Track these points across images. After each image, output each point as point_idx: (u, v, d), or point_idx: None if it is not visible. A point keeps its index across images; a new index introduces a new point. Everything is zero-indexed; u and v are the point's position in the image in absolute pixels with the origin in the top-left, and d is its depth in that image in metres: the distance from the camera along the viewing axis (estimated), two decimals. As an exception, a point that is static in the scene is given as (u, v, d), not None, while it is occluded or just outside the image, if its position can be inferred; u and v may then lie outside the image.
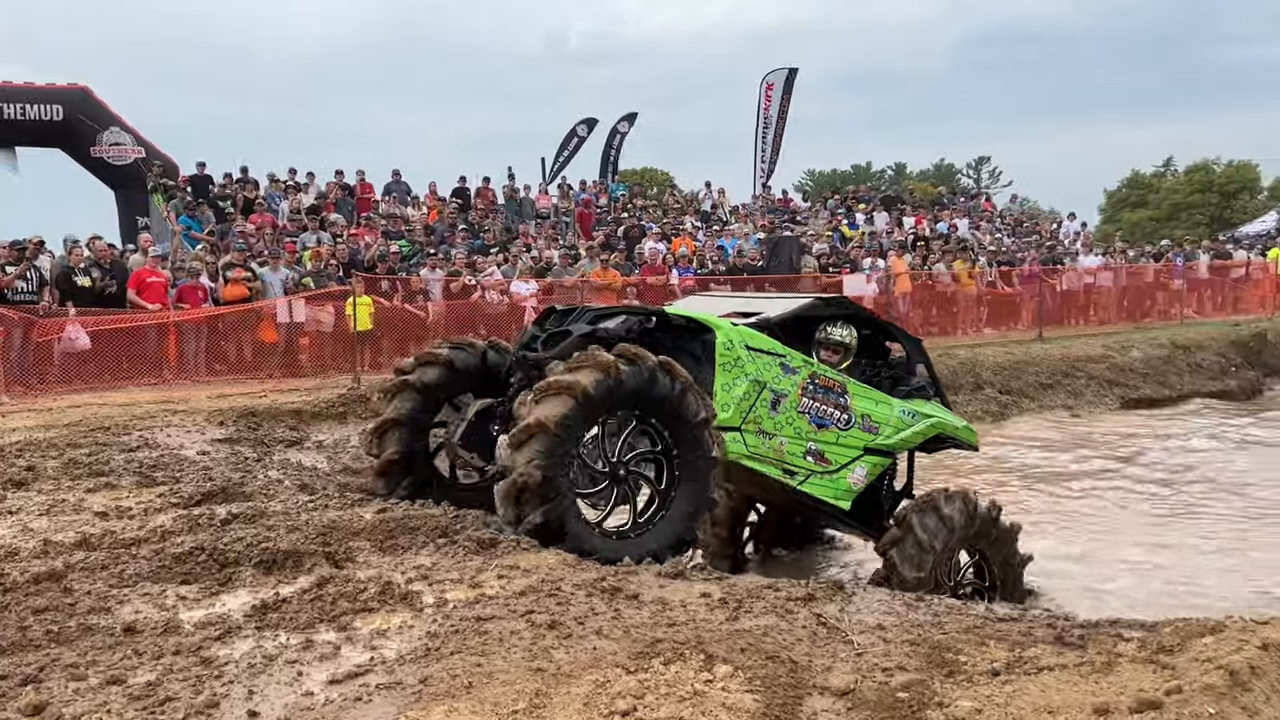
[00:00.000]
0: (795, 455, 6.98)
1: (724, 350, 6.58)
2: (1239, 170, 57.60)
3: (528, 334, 7.12)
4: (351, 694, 3.70)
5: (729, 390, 6.59)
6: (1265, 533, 9.47)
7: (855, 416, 7.21)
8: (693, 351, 6.65)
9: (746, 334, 6.76)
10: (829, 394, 7.08)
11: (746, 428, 6.70)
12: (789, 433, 6.91)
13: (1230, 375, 18.69)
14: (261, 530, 5.96)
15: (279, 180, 20.71)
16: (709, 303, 8.09)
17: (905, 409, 7.46)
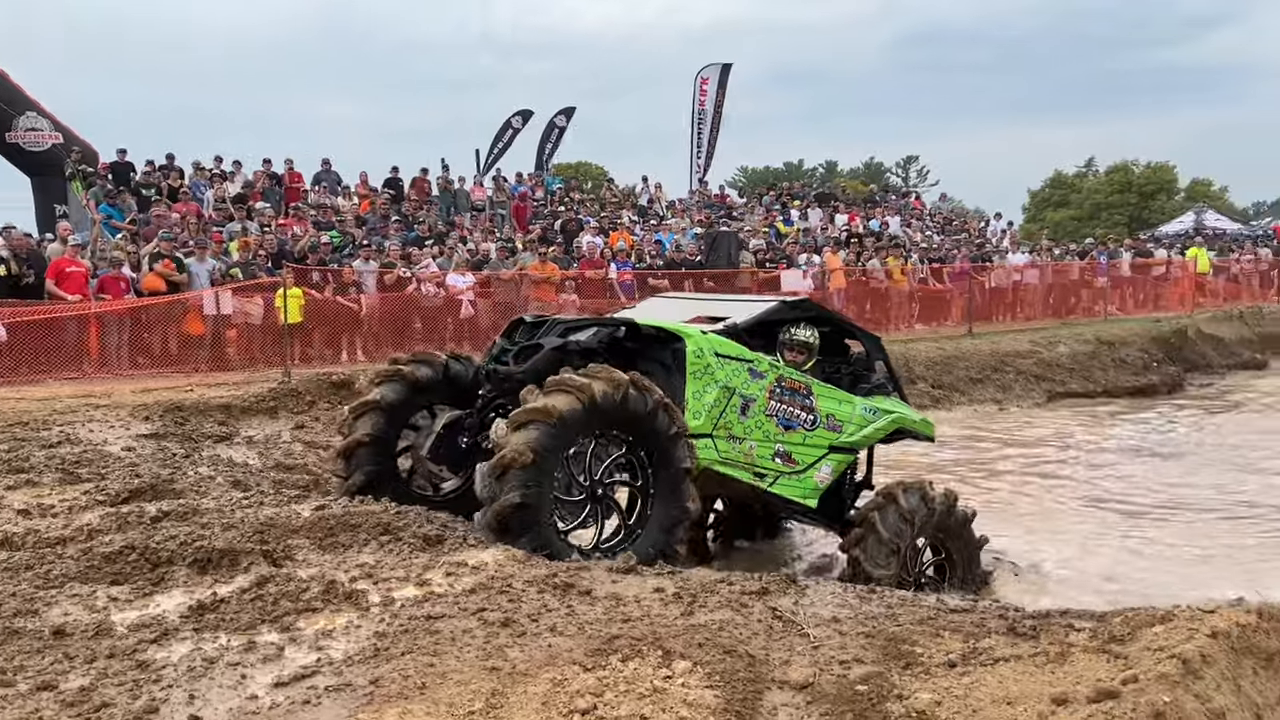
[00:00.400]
0: (764, 457, 7.07)
1: (694, 358, 6.65)
2: (1157, 171, 59.39)
3: (497, 346, 7.08)
4: (299, 697, 3.57)
5: (700, 398, 6.66)
6: (1189, 521, 9.73)
7: (820, 417, 7.33)
8: (663, 360, 6.71)
9: (715, 341, 6.82)
10: (795, 396, 7.18)
11: (717, 434, 6.78)
12: (758, 436, 7.02)
13: (1152, 371, 19.22)
14: (195, 528, 5.74)
15: (204, 168, 20.13)
16: (671, 306, 8.07)
17: (867, 406, 7.60)
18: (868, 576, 6.97)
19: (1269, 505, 10.22)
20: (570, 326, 6.87)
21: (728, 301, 7.91)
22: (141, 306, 13.39)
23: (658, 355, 6.75)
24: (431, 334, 15.84)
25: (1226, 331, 21.94)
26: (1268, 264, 27.99)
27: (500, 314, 16.42)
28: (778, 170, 70.95)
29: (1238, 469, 12.06)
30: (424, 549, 5.39)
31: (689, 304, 8.01)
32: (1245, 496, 10.66)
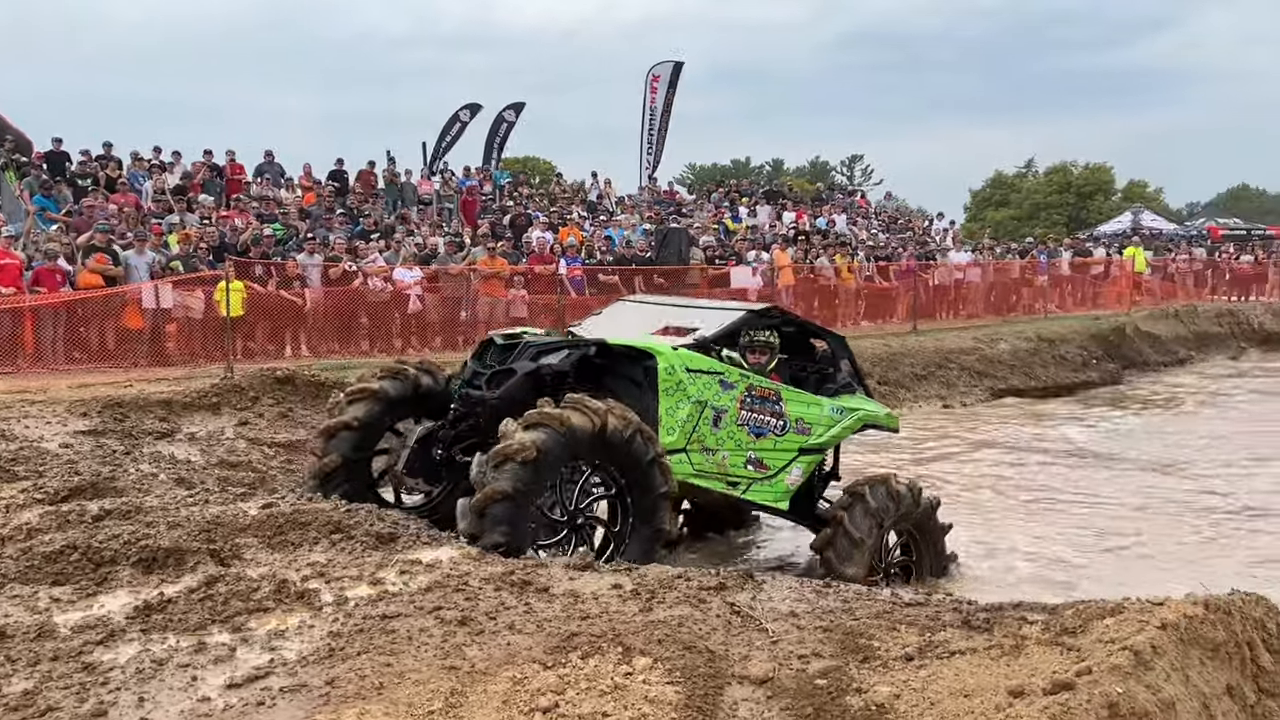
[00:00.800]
0: (737, 466, 7.20)
1: (666, 375, 6.73)
2: (1095, 172, 60.71)
3: (469, 370, 7.06)
4: (253, 698, 3.50)
5: (673, 414, 6.76)
6: (1130, 517, 9.96)
7: (790, 421, 7.43)
8: (635, 378, 6.80)
9: (686, 357, 6.89)
10: (765, 403, 7.29)
11: (691, 447, 6.90)
12: (730, 446, 7.12)
13: (1091, 367, 19.63)
14: (139, 527, 5.61)
15: (143, 159, 19.67)
16: (639, 313, 8.10)
17: (834, 406, 7.71)
18: (840, 575, 7.05)
19: (1205, 502, 10.50)
20: (541, 349, 6.86)
21: (695, 309, 7.93)
22: (78, 300, 13.04)
23: (629, 373, 6.83)
24: (378, 329, 15.65)
25: (1163, 329, 22.49)
26: (1202, 263, 28.76)
27: (448, 309, 16.30)
28: (725, 168, 71.25)
29: (1173, 466, 12.36)
30: (376, 547, 5.32)
31: (657, 311, 8.02)
32: (1181, 494, 10.92)
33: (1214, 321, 23.76)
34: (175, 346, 13.81)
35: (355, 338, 15.44)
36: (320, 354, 14.71)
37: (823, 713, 3.51)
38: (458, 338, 16.18)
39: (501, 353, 7.00)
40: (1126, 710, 3.38)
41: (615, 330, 7.50)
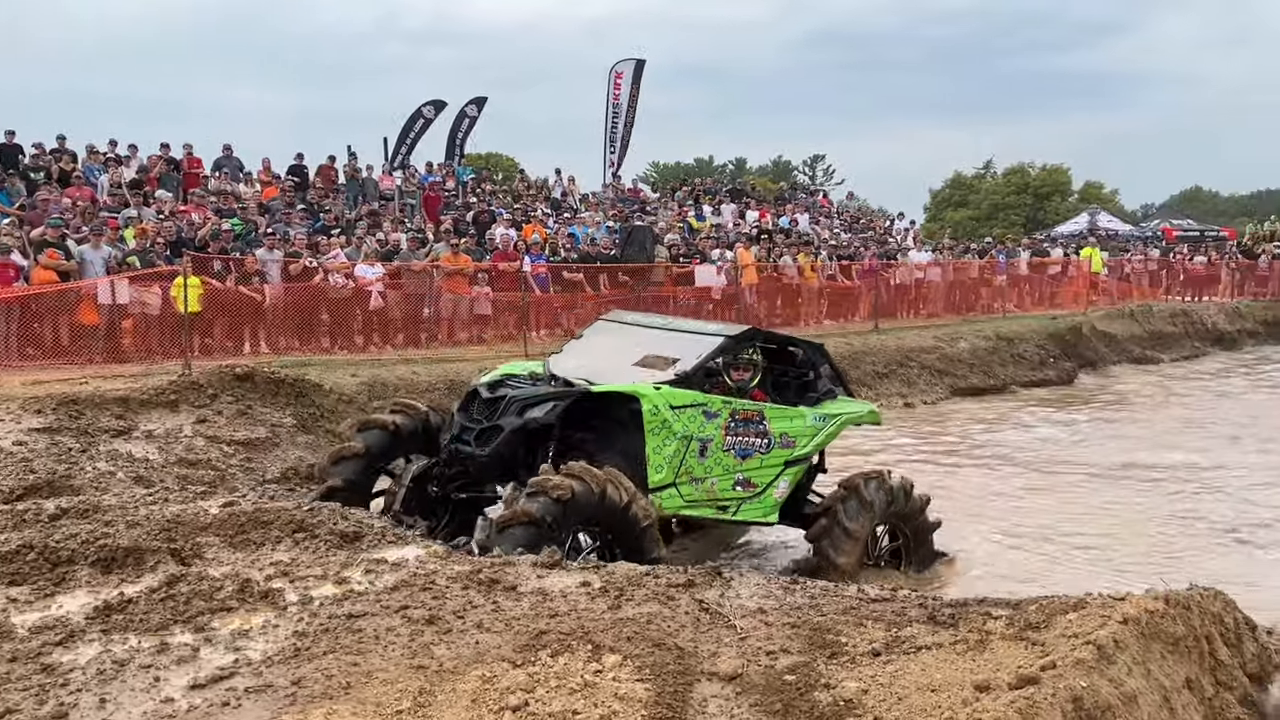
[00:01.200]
0: (725, 489, 7.36)
1: (651, 416, 6.86)
2: (1052, 173, 61.48)
3: (456, 424, 7.12)
4: (217, 699, 3.45)
5: (660, 452, 6.91)
6: (1096, 509, 10.11)
7: (774, 438, 7.55)
8: (621, 420, 6.94)
9: (669, 395, 6.99)
10: (749, 425, 7.41)
11: (680, 480, 7.05)
12: (718, 472, 7.28)
13: (1049, 366, 19.89)
14: (97, 526, 5.51)
15: (98, 152, 19.30)
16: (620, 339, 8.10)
17: (816, 415, 7.82)
18: (834, 565, 7.37)
19: (1163, 497, 10.70)
20: (526, 403, 6.90)
21: (674, 333, 7.94)
22: (32, 295, 12.78)
23: (616, 415, 6.96)
24: (339, 326, 15.50)
25: (1118, 328, 22.84)
26: (1157, 264, 29.24)
27: (411, 306, 16.17)
28: (689, 166, 71.32)
29: (1131, 463, 12.56)
30: (341, 546, 5.27)
31: (636, 336, 8.01)
32: (1139, 490, 11.11)
33: (1168, 321, 24.17)
34: (132, 343, 13.58)
35: (316, 335, 15.26)
36: (280, 351, 14.53)
37: (791, 708, 3.53)
38: (420, 335, 16.08)
39: (487, 406, 7.05)
40: (1090, 704, 3.44)
41: (595, 361, 7.57)
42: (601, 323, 8.80)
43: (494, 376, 7.50)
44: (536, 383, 7.25)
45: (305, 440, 11.40)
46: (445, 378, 13.34)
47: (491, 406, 6.99)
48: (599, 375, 7.23)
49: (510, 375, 7.55)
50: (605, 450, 6.88)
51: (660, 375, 7.23)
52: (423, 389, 13.00)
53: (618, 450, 6.90)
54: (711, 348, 7.49)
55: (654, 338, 7.91)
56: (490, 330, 16.79)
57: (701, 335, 7.76)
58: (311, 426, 11.61)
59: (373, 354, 15.07)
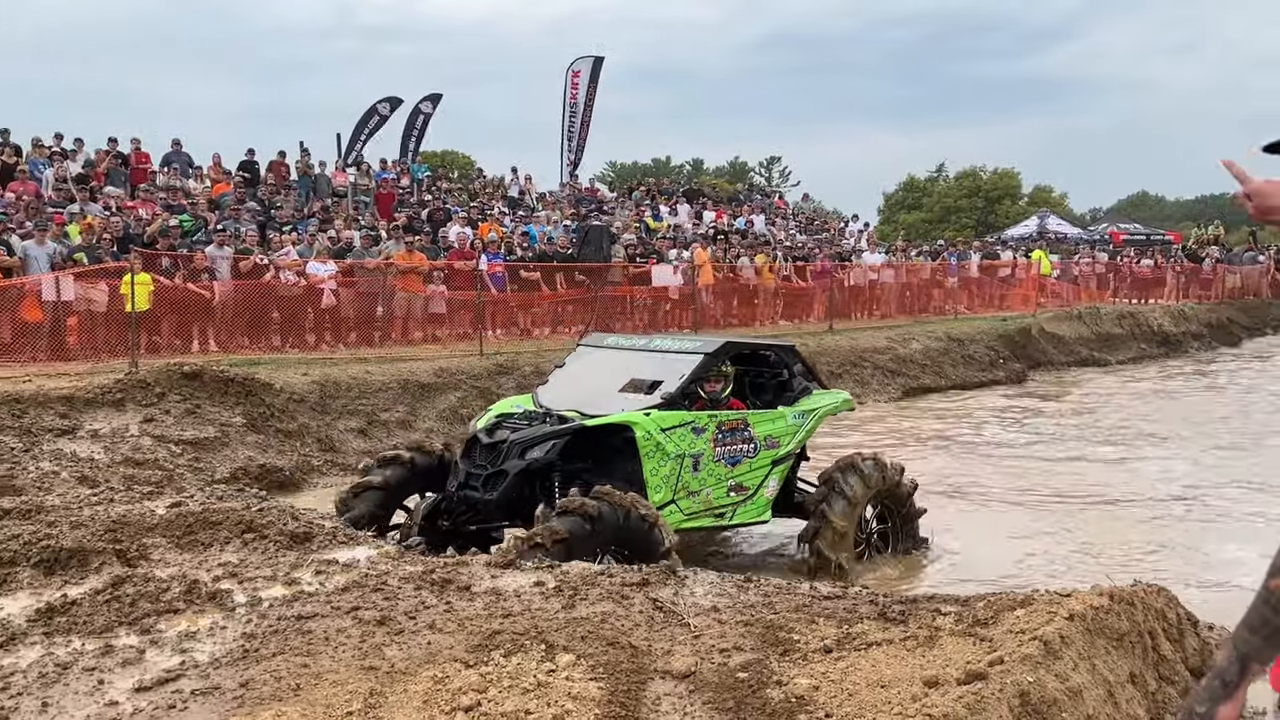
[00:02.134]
0: (720, 497, 7.77)
1: (644, 441, 7.26)
2: (1003, 177, 62.44)
3: (462, 471, 7.33)
4: (163, 701, 3.39)
5: (657, 473, 7.32)
6: (1052, 510, 10.28)
7: (759, 441, 7.95)
8: (617, 447, 7.31)
9: (659, 419, 7.38)
10: (735, 434, 7.81)
11: (679, 496, 7.47)
12: (712, 483, 7.67)
13: (999, 366, 20.18)
14: (40, 527, 5.40)
15: (43, 145, 18.90)
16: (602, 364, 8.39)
17: (795, 413, 8.22)
18: (828, 563, 7.81)
19: (1113, 492, 10.90)
20: (526, 445, 7.15)
21: (655, 354, 8.26)
22: (-28, 291, 12.49)
23: (611, 443, 7.34)
24: (290, 324, 15.31)
25: (1066, 330, 23.21)
26: (1104, 267, 29.79)
27: (364, 304, 16.01)
28: (646, 166, 71.46)
29: (1079, 459, 12.79)
30: (291, 547, 5.21)
31: (619, 360, 8.32)
32: (1088, 485, 11.31)
33: (1115, 323, 24.60)
34: (77, 341, 13.32)
35: (266, 333, 15.07)
36: (230, 349, 14.34)
37: (744, 705, 3.54)
38: (374, 334, 15.94)
39: (489, 451, 7.30)
40: (1037, 698, 3.49)
41: (582, 391, 7.88)
42: (582, 348, 9.05)
43: (489, 420, 7.76)
44: (532, 421, 7.53)
45: (255, 440, 11.26)
46: (398, 377, 13.24)
47: (493, 451, 7.28)
48: (588, 405, 7.54)
49: (504, 415, 7.78)
50: (605, 478, 7.14)
51: (647, 400, 7.63)
52: (375, 388, 12.89)
53: (617, 476, 7.19)
54: (693, 366, 7.81)
55: (635, 360, 8.27)
56: (445, 329, 16.70)
57: (681, 354, 8.08)
58: (261, 426, 11.47)
59: (325, 353, 14.91)
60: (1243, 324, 28.51)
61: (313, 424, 12.02)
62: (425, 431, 12.63)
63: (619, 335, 10.29)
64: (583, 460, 7.33)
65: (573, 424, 7.29)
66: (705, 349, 8.05)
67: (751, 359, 8.69)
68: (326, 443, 11.94)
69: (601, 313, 17.42)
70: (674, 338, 9.72)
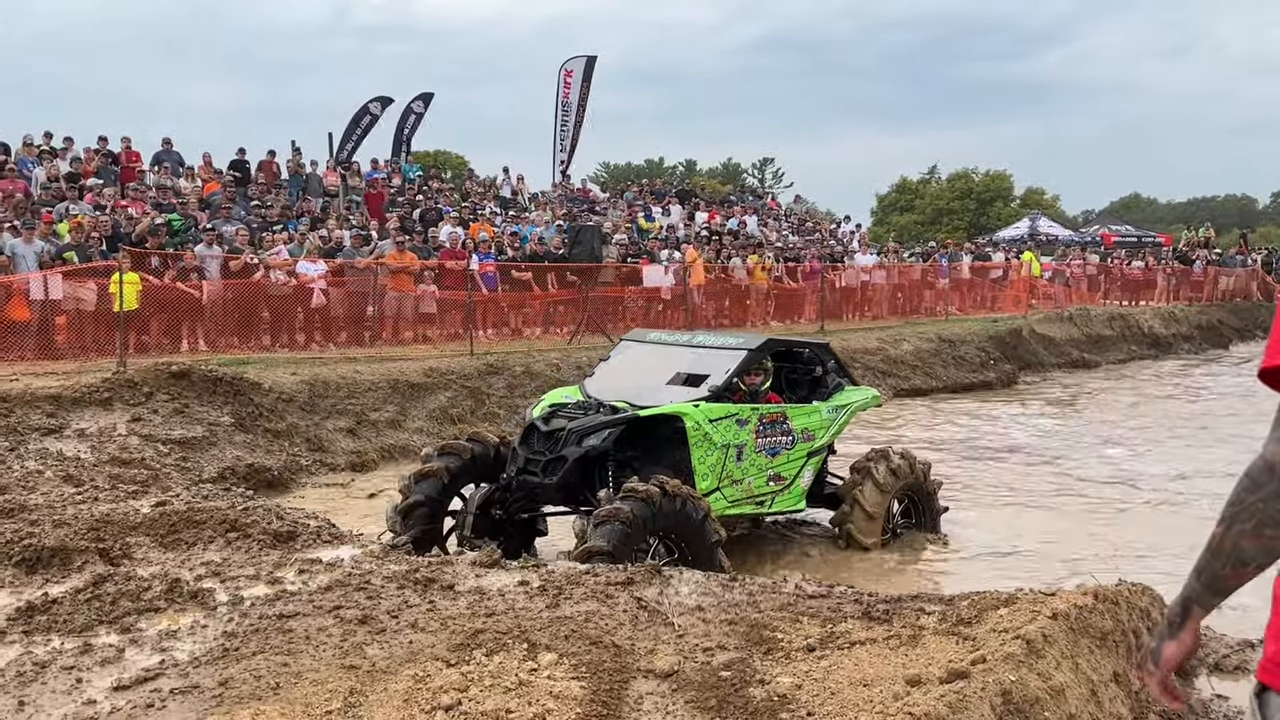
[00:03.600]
0: (761, 486, 8.15)
1: (693, 431, 7.61)
2: (994, 179, 62.54)
3: (521, 457, 7.60)
4: (141, 700, 3.37)
5: (704, 462, 7.67)
6: (1039, 502, 10.30)
7: (797, 434, 8.31)
8: (667, 436, 7.67)
9: (707, 410, 7.74)
10: (775, 426, 8.17)
11: (723, 484, 7.83)
12: (753, 472, 8.05)
13: (989, 367, 20.18)
14: (22, 525, 5.37)
15: (33, 144, 18.82)
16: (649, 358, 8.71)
17: (829, 408, 8.60)
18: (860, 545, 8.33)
19: (1099, 491, 10.91)
20: (583, 433, 7.43)
21: (700, 350, 8.60)
22: (-42, 290, 12.42)
23: (663, 433, 7.69)
24: (280, 323, 15.27)
25: (1057, 332, 23.24)
26: (1095, 269, 29.85)
27: (354, 304, 15.97)
28: (639, 167, 71.46)
29: (1070, 458, 12.81)
30: (275, 546, 5.19)
31: (665, 355, 8.68)
32: (1077, 484, 11.33)
33: (1106, 325, 24.64)
34: (65, 340, 13.27)
35: (256, 332, 15.04)
36: (219, 348, 14.30)
37: (726, 704, 3.53)
38: (364, 333, 15.90)
39: (546, 438, 7.58)
40: (1019, 697, 3.49)
41: (630, 383, 8.22)
42: (625, 343, 9.45)
43: (543, 408, 8.04)
44: (585, 410, 7.83)
45: (243, 439, 11.21)
46: (388, 376, 13.20)
47: (550, 439, 7.55)
48: (638, 397, 7.88)
49: (557, 405, 8.07)
50: (655, 465, 7.53)
51: (694, 392, 7.96)
52: (365, 388, 12.86)
53: (665, 464, 7.54)
54: (737, 362, 8.15)
55: (679, 355, 8.65)
56: (436, 329, 16.67)
57: (724, 350, 8.45)
58: (250, 425, 11.42)
59: (314, 352, 14.87)
60: (1233, 326, 28.59)
61: (301, 423, 11.97)
62: (414, 431, 12.62)
63: (662, 332, 10.75)
64: (634, 449, 7.70)
65: (627, 414, 7.64)
66: (748, 345, 8.45)
67: (789, 355, 9.10)
68: (315, 442, 11.89)
69: (593, 313, 17.40)
70: (716, 334, 10.12)
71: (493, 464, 7.94)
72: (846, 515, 8.44)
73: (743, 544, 8.90)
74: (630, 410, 7.65)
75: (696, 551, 6.84)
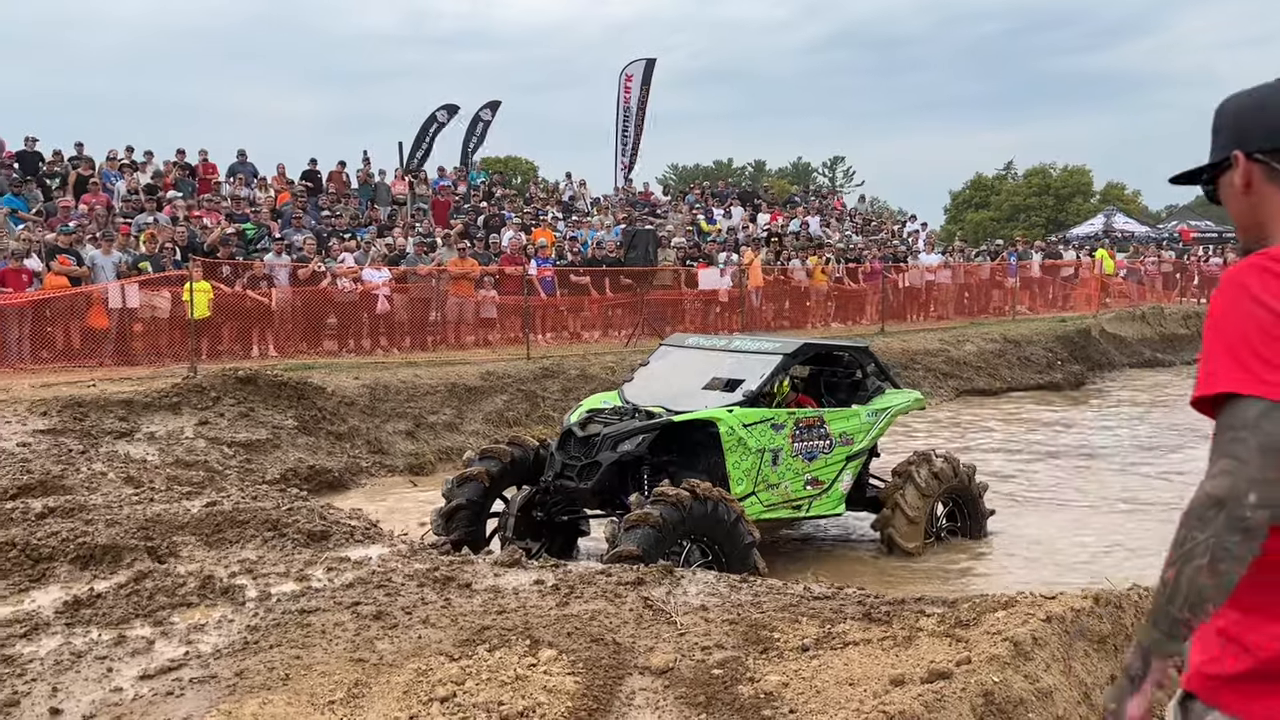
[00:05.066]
0: (797, 490, 8.18)
1: (728, 436, 7.67)
2: (1073, 174, 61.06)
3: (558, 462, 7.78)
4: (163, 688, 3.61)
5: (739, 466, 7.72)
6: (1104, 506, 10.16)
7: (835, 438, 8.37)
8: (702, 441, 7.75)
9: (741, 415, 7.79)
10: (812, 430, 8.22)
11: (758, 489, 7.87)
12: (790, 476, 8.09)
13: (1056, 369, 19.82)
14: (79, 525, 5.70)
15: (115, 158, 19.68)
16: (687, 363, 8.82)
17: (869, 411, 8.66)
18: (900, 548, 8.32)
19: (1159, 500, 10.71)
20: (618, 438, 7.55)
21: (736, 355, 8.64)
22: (44, 300, 13.08)
23: (697, 438, 7.78)
24: (346, 329, 15.75)
25: (1129, 331, 22.71)
26: (1171, 265, 29.05)
27: (417, 310, 16.39)
28: (707, 168, 71.42)
29: (1140, 462, 12.56)
30: (308, 545, 5.44)
31: (702, 359, 8.76)
32: (1148, 489, 11.12)
33: (1181, 323, 23.99)
34: (141, 346, 13.87)
35: (322, 338, 15.53)
36: (287, 354, 14.79)
37: (714, 700, 3.65)
38: (426, 338, 16.30)
39: (583, 444, 7.71)
40: (1002, 698, 3.54)
41: (667, 387, 8.33)
42: (665, 348, 9.49)
43: (581, 414, 8.21)
44: (622, 416, 7.96)
45: (305, 441, 11.62)
46: (446, 380, 13.53)
47: (587, 444, 7.68)
48: (673, 401, 8.01)
49: (594, 410, 8.23)
50: (690, 470, 7.64)
51: (729, 397, 8.01)
52: (424, 392, 13.20)
53: (700, 469, 7.66)
54: (772, 366, 8.21)
55: (716, 360, 8.69)
56: (496, 333, 17.00)
57: (760, 354, 8.48)
58: (312, 428, 11.83)
59: (378, 357, 15.30)
60: (1320, 323, 27.52)
61: (362, 426, 12.35)
62: (470, 434, 12.91)
63: (700, 336, 10.80)
64: (669, 453, 7.78)
65: (661, 419, 7.73)
66: (784, 349, 8.48)
67: (828, 359, 9.13)
68: (375, 444, 12.26)
69: (650, 316, 17.56)
70: (753, 338, 10.13)
71: (533, 467, 8.08)
72: (888, 519, 8.44)
73: (788, 550, 8.99)
74: (665, 415, 7.73)
75: (730, 553, 6.89)
